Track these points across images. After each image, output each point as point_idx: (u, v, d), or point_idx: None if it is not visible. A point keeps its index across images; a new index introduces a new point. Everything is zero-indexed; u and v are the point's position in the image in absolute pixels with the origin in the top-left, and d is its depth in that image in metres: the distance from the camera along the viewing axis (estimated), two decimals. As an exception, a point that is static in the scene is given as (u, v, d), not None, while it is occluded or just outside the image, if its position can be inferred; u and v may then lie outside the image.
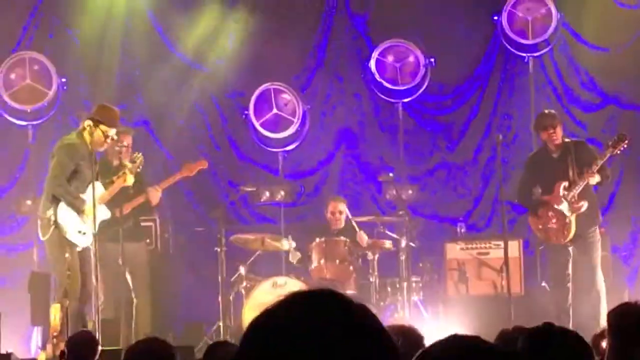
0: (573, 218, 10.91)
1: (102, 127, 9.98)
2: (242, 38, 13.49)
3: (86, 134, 10.01)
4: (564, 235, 10.98)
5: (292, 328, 2.00)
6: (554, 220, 11.02)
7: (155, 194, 11.08)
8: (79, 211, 9.91)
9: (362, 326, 2.04)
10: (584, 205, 10.86)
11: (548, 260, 11.50)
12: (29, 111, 12.95)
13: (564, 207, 10.94)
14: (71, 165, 9.99)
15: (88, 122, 9.99)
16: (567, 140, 11.20)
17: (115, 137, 10.14)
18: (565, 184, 10.91)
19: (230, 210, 13.08)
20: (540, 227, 11.20)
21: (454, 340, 2.36)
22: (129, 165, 10.47)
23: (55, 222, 9.86)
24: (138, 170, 10.50)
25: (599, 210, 11.34)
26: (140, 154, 10.61)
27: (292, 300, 2.07)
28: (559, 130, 11.13)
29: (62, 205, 9.93)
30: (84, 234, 9.96)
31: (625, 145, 10.81)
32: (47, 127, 12.78)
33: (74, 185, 9.99)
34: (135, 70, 13.30)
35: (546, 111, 11.48)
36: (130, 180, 10.31)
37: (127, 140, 11.14)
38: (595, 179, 10.86)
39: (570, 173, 10.92)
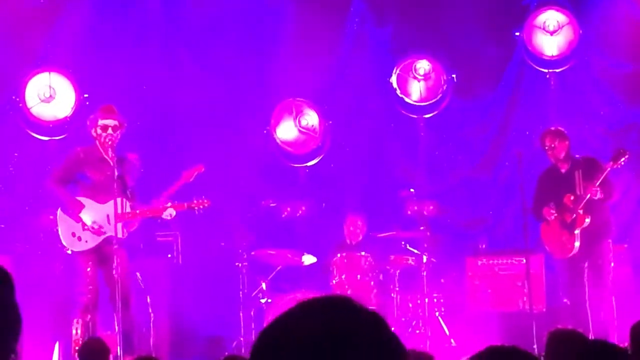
0: (577, 232, 10.89)
1: (100, 122, 10.08)
2: (264, 52, 13.53)
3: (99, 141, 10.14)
4: (567, 248, 10.96)
5: (299, 337, 1.99)
6: (559, 234, 11.02)
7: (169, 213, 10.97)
8: (68, 212, 10.01)
9: (372, 334, 2.02)
10: (587, 220, 10.83)
11: (563, 276, 11.40)
12: (51, 126, 13.00)
13: (569, 220, 10.93)
14: (73, 168, 10.19)
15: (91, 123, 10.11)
16: (577, 156, 11.20)
17: (111, 124, 10.13)
18: (572, 197, 10.91)
19: (251, 225, 13.07)
20: (547, 239, 11.20)
21: (492, 350, 2.34)
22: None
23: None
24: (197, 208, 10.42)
25: (609, 226, 11.21)
26: (208, 202, 10.48)
27: (302, 308, 2.06)
28: (559, 147, 11.12)
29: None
30: (80, 239, 9.99)
31: (624, 160, 10.77)
32: (68, 142, 12.79)
33: (80, 192, 10.08)
34: (155, 86, 13.28)
35: (552, 128, 11.46)
36: (167, 213, 10.27)
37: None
38: (597, 194, 10.80)
39: (577, 188, 10.91)
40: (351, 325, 2.01)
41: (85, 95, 12.97)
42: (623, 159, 10.78)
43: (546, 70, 13.67)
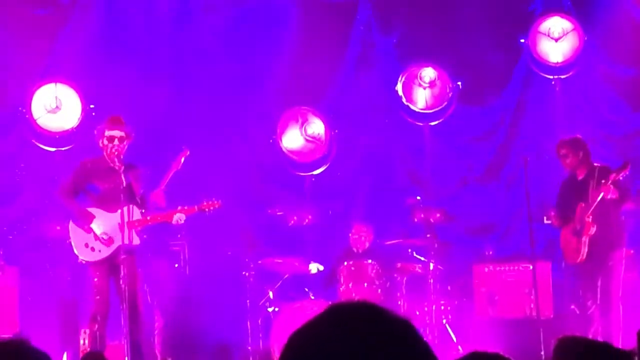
0: (584, 239, 10.89)
1: (106, 133, 10.16)
2: (269, 61, 13.54)
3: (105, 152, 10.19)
4: (576, 254, 10.97)
5: (329, 346, 1.98)
6: (570, 240, 11.03)
7: (178, 217, 10.96)
8: (79, 223, 10.03)
9: (403, 343, 2.02)
10: (593, 229, 10.83)
11: (573, 283, 11.41)
12: (57, 137, 13.02)
13: (579, 227, 10.94)
14: (81, 180, 10.22)
15: (98, 133, 10.17)
16: (595, 164, 11.19)
17: (117, 135, 10.18)
18: (583, 205, 10.92)
19: (257, 234, 13.07)
20: (562, 244, 11.23)
21: (475, 355, 2.36)
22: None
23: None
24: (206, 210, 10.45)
25: (621, 235, 11.19)
26: (219, 203, 10.51)
27: (333, 312, 2.06)
28: (572, 156, 11.12)
29: None
30: (93, 249, 10.03)
31: (625, 173, 10.77)
32: (75, 153, 12.80)
33: (90, 202, 10.12)
34: (161, 95, 13.28)
35: (567, 137, 11.46)
36: (177, 218, 10.30)
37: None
38: (592, 210, 10.82)
39: (590, 196, 10.91)
40: (381, 334, 2.00)
41: (92, 106, 12.98)
42: (622, 173, 10.78)
43: (551, 77, 13.67)
